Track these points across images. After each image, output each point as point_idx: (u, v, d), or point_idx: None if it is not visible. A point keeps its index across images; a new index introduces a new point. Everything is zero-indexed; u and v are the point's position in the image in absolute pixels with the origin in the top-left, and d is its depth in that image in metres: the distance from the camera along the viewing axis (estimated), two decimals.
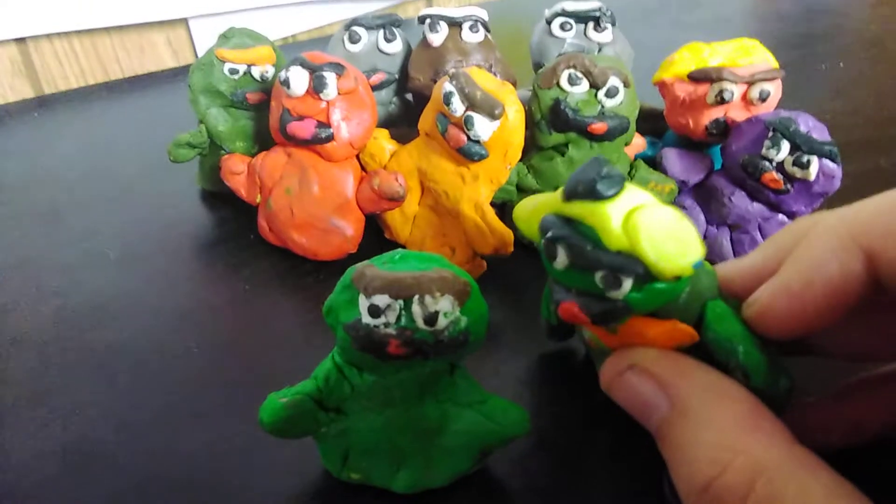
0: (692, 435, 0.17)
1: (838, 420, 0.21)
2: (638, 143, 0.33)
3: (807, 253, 0.18)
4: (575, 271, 0.19)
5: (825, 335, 0.21)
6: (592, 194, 0.18)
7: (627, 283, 0.18)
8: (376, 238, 0.33)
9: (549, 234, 0.19)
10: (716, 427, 0.17)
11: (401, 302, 0.19)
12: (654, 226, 0.18)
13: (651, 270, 0.18)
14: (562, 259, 0.19)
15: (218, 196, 0.37)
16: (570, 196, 0.18)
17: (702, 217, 0.31)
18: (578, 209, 0.18)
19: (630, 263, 0.18)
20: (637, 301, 0.18)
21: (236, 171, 0.33)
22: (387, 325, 0.19)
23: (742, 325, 0.19)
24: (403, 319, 0.19)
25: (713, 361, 0.19)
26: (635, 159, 0.32)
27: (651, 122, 0.35)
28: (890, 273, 0.17)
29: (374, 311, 0.19)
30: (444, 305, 0.19)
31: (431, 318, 0.19)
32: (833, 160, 0.28)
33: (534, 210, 0.21)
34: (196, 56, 0.56)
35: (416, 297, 0.19)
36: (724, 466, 0.16)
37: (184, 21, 0.55)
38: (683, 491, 0.17)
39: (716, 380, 0.18)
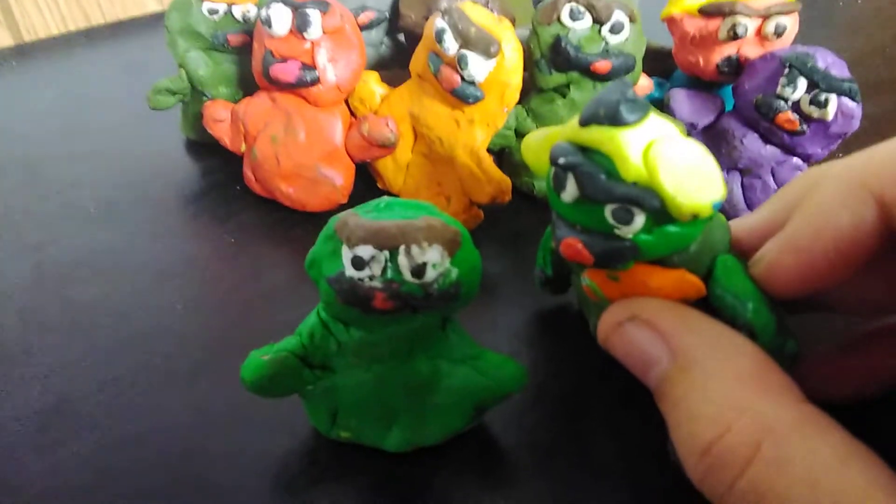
0: (695, 391, 0.16)
1: (851, 371, 0.20)
2: (644, 84, 0.31)
3: (815, 204, 0.17)
4: (583, 205, 0.17)
5: (836, 291, 0.19)
6: (614, 119, 0.16)
7: (640, 220, 0.17)
8: (368, 188, 0.32)
9: (560, 161, 0.17)
10: (720, 383, 0.16)
11: (386, 253, 0.17)
12: (676, 158, 0.16)
13: (668, 206, 0.16)
14: (571, 190, 0.17)
15: (203, 146, 0.36)
16: (588, 120, 0.17)
17: None
18: (596, 135, 0.17)
19: (646, 196, 0.16)
20: (646, 243, 0.17)
21: (219, 118, 0.31)
22: (372, 277, 0.18)
23: (752, 283, 0.18)
24: (389, 271, 0.18)
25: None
26: None
27: (659, 62, 0.33)
28: None
29: (358, 263, 0.18)
30: (433, 256, 0.17)
31: (419, 270, 0.17)
32: (853, 98, 0.26)
33: (545, 139, 0.19)
34: None
35: (402, 247, 0.17)
36: (727, 426, 0.15)
37: None
38: (683, 453, 0.16)
39: (722, 333, 0.17)
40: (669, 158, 0.16)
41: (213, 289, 0.28)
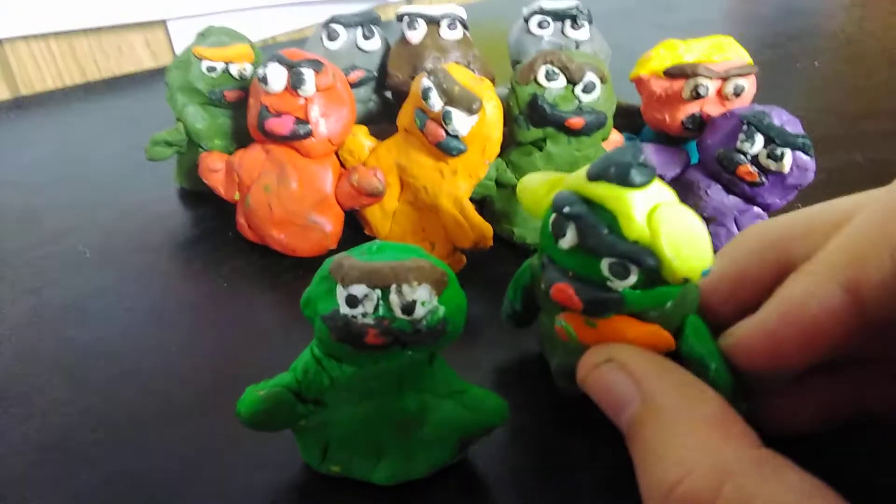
0: (661, 433, 0.17)
1: (805, 404, 0.21)
2: (615, 140, 0.33)
3: (786, 291, 0.18)
4: (579, 254, 0.19)
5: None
6: (624, 179, 0.18)
7: (633, 277, 0.18)
8: (356, 234, 0.33)
9: (565, 210, 0.18)
10: (685, 427, 0.16)
11: (378, 291, 0.19)
12: (676, 224, 0.18)
13: (663, 268, 0.18)
14: (570, 238, 0.19)
15: (196, 194, 0.37)
16: (598, 176, 0.18)
17: None
18: (603, 191, 0.18)
19: (645, 255, 0.18)
20: (633, 297, 0.18)
21: (214, 168, 0.33)
22: (364, 314, 0.19)
23: (715, 344, 0.19)
24: (381, 309, 0.19)
25: None
26: None
27: (628, 119, 0.35)
28: (875, 300, 0.16)
29: (352, 301, 0.19)
30: (422, 294, 0.19)
31: (409, 308, 0.19)
32: (806, 152, 0.28)
33: (545, 182, 0.20)
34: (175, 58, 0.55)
35: (394, 286, 0.19)
36: (690, 468, 0.15)
37: (162, 23, 0.54)
38: (647, 495, 0.16)
39: (689, 380, 0.18)
40: (671, 224, 0.17)
41: (206, 331, 0.29)
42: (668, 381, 0.18)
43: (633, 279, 0.18)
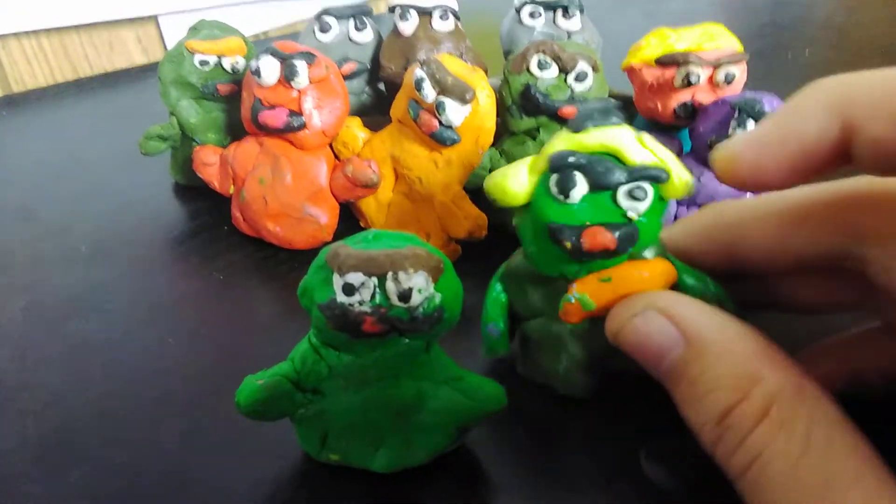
0: (711, 367, 0.18)
1: (837, 370, 0.22)
2: None
3: (790, 109, 0.19)
4: (591, 199, 0.20)
5: (788, 287, 0.22)
6: (608, 118, 0.20)
7: (650, 198, 0.20)
8: (351, 226, 0.33)
9: (571, 160, 0.20)
10: (734, 359, 0.17)
11: (375, 279, 0.19)
12: (661, 146, 0.20)
13: (671, 181, 0.20)
14: (581, 186, 0.20)
15: (191, 188, 0.37)
16: (582, 125, 0.20)
17: None
18: (595, 136, 0.20)
19: (658, 171, 0.19)
20: (644, 226, 0.20)
21: (208, 162, 0.33)
22: (361, 302, 0.19)
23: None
24: (378, 297, 0.19)
25: None
26: None
27: (621, 108, 0.35)
28: (863, 148, 0.17)
29: (349, 290, 0.19)
30: (418, 282, 0.19)
31: (405, 295, 0.19)
32: None
33: (512, 170, 0.21)
34: None
35: (390, 273, 0.19)
36: (744, 393, 0.17)
37: (153, 18, 0.54)
38: (698, 424, 0.18)
39: (728, 318, 0.19)
40: (660, 146, 0.20)
41: (203, 324, 0.29)
42: (709, 321, 0.19)
43: (649, 200, 0.20)
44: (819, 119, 0.18)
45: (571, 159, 0.20)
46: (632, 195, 0.19)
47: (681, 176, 0.20)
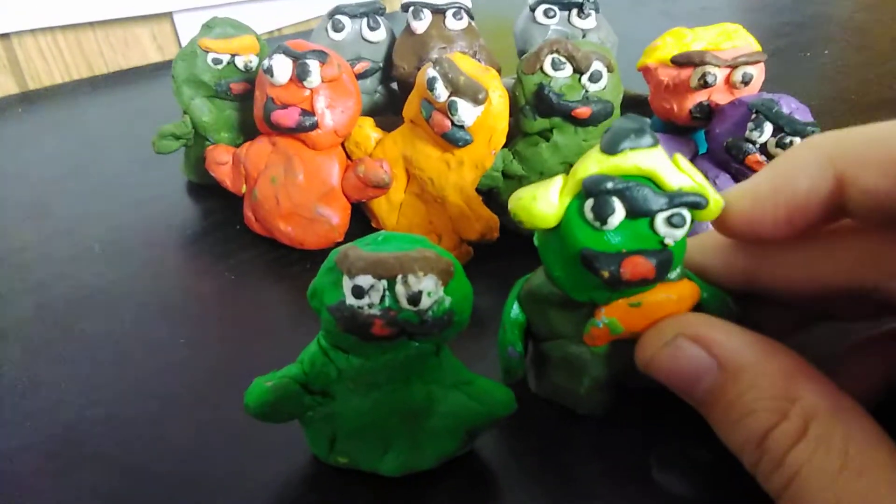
0: (747, 391, 0.18)
1: (873, 372, 0.22)
2: None
3: (781, 163, 0.19)
4: (628, 226, 0.19)
5: (780, 274, 0.22)
6: (644, 140, 0.19)
7: (688, 224, 0.19)
8: (362, 227, 0.33)
9: (609, 186, 0.19)
10: (770, 380, 0.17)
11: (384, 282, 0.19)
12: (694, 167, 0.19)
13: (708, 206, 0.19)
14: (619, 213, 0.19)
15: (204, 187, 0.37)
16: (616, 146, 0.19)
17: None
18: (631, 160, 0.19)
19: (698, 197, 0.19)
20: (678, 251, 0.20)
21: (221, 161, 0.33)
22: (371, 305, 0.19)
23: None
24: (387, 300, 0.19)
25: None
26: None
27: (636, 109, 0.35)
28: (856, 200, 0.18)
29: (358, 292, 0.19)
30: (428, 285, 0.19)
31: (415, 298, 0.19)
32: None
33: (542, 191, 0.20)
34: None
35: (400, 276, 0.19)
36: (783, 414, 0.17)
37: (168, 15, 0.54)
38: (737, 446, 0.18)
39: (759, 338, 0.19)
40: (693, 167, 0.19)
41: (214, 323, 0.29)
42: (741, 343, 0.18)
43: (686, 227, 0.19)
44: (811, 172, 0.18)
45: (609, 185, 0.19)
46: (670, 222, 0.19)
47: (717, 200, 0.19)
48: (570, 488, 0.22)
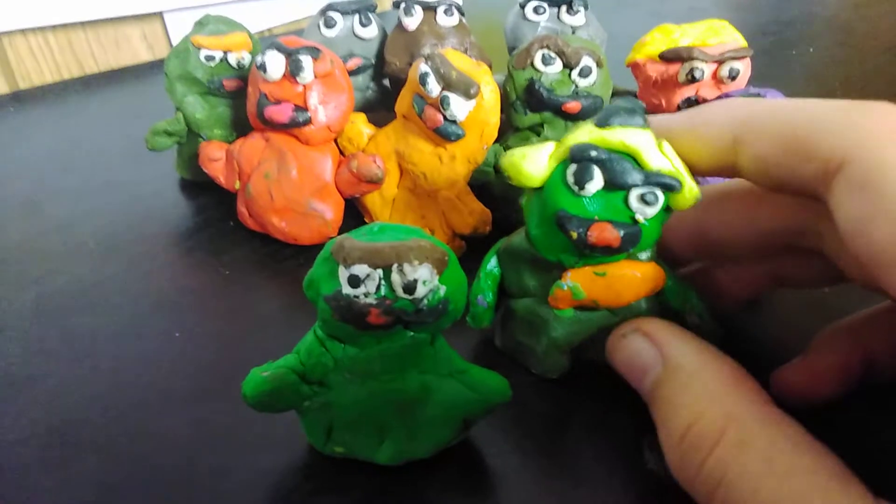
0: (679, 388, 0.19)
1: (851, 355, 0.22)
2: None
3: (700, 112, 0.21)
4: (604, 196, 0.20)
5: (724, 221, 0.23)
6: (633, 119, 0.20)
7: (659, 204, 0.20)
8: (356, 222, 0.33)
9: (593, 154, 0.20)
10: (700, 382, 0.18)
11: (380, 271, 0.19)
12: (678, 155, 0.20)
13: (682, 191, 0.20)
14: (598, 181, 0.20)
15: (197, 184, 0.37)
16: (607, 121, 0.20)
17: None
18: (619, 135, 0.20)
19: (672, 180, 0.20)
20: (647, 229, 0.21)
21: (214, 157, 0.33)
22: (367, 294, 0.19)
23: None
24: (383, 289, 0.19)
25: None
26: None
27: None
28: (747, 164, 0.19)
29: (354, 282, 0.19)
30: (423, 274, 0.19)
31: (410, 287, 0.19)
32: None
33: (533, 152, 0.21)
34: None
35: (395, 265, 0.19)
36: (700, 414, 0.17)
37: (159, 15, 0.54)
38: (667, 444, 0.18)
39: (705, 345, 0.20)
40: (677, 155, 0.20)
41: (208, 317, 0.29)
42: (687, 346, 0.20)
43: (658, 206, 0.20)
44: (716, 128, 0.20)
45: (593, 153, 0.20)
46: (643, 199, 0.20)
47: (692, 188, 0.20)
48: (563, 474, 0.22)
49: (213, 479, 0.22)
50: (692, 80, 0.31)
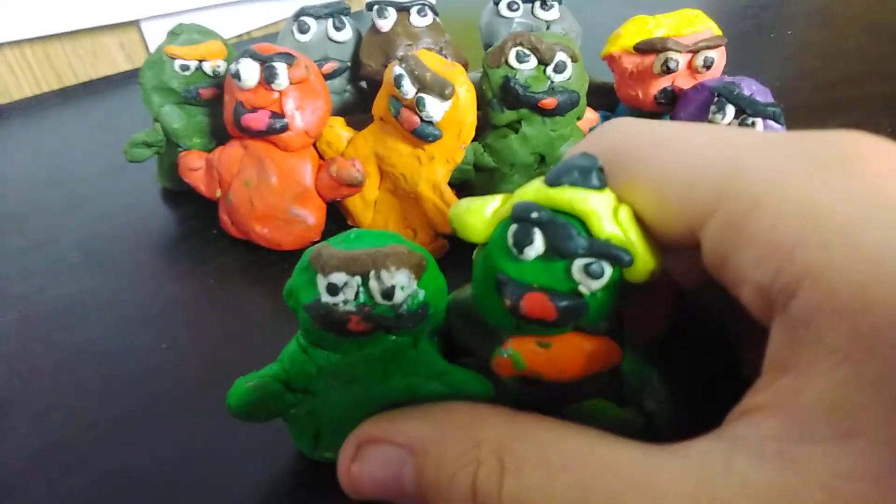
0: (440, 462, 0.17)
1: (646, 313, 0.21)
2: (591, 118, 0.33)
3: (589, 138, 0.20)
4: (545, 262, 0.18)
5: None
6: (588, 181, 0.18)
7: (606, 277, 0.17)
8: (339, 226, 0.33)
9: (534, 215, 0.18)
10: (452, 440, 0.17)
11: (358, 278, 0.19)
12: (637, 224, 0.18)
13: (636, 264, 0.17)
14: (538, 245, 0.18)
15: (178, 193, 0.37)
16: (558, 181, 0.18)
17: None
18: (567, 195, 0.18)
19: (621, 252, 0.17)
20: (595, 303, 0.18)
21: (194, 167, 0.33)
22: (346, 302, 0.19)
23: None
24: (362, 296, 0.19)
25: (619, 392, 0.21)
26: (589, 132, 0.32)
27: (603, 97, 0.36)
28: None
29: (333, 290, 0.19)
30: (401, 279, 0.19)
31: (388, 293, 0.19)
32: (777, 121, 0.29)
33: (479, 206, 0.20)
34: None
35: (373, 272, 0.19)
36: (477, 461, 0.16)
37: (135, 23, 0.54)
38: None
39: (435, 407, 0.19)
40: (635, 223, 0.17)
41: (195, 328, 0.29)
42: (418, 421, 0.19)
43: (605, 280, 0.18)
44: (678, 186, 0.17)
45: (534, 214, 0.18)
46: (588, 271, 0.17)
47: (648, 262, 0.17)
48: None
49: (204, 489, 0.22)
50: (667, 70, 0.31)
